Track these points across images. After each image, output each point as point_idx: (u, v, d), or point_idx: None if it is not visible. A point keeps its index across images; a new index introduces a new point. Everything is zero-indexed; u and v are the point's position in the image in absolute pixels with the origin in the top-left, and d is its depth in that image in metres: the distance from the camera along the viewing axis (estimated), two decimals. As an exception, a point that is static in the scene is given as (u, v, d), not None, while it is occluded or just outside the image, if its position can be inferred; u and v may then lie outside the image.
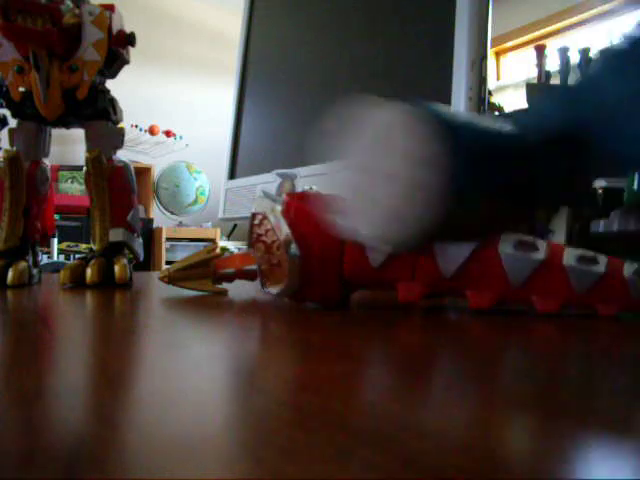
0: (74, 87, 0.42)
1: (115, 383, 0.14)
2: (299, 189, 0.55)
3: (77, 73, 0.42)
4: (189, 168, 2.97)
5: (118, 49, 0.42)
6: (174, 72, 3.65)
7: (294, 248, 0.26)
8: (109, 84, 0.47)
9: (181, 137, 3.15)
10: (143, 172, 3.02)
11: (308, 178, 0.53)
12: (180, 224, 2.94)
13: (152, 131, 3.12)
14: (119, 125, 0.46)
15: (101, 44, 0.41)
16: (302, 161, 0.55)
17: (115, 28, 0.42)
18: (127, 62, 0.44)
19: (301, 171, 0.55)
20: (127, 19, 0.46)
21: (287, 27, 0.72)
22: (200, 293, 0.36)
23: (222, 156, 0.88)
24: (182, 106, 3.52)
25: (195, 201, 2.95)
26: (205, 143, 3.22)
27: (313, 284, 0.28)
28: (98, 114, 0.45)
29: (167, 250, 2.64)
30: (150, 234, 2.69)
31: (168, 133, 3.13)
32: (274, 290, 0.28)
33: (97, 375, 0.14)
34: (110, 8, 0.41)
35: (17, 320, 0.24)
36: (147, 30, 3.55)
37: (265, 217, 0.28)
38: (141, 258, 0.49)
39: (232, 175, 0.76)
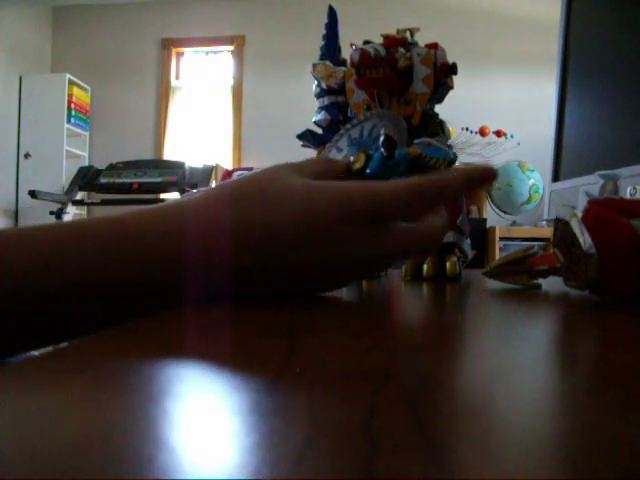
0: (409, 116, 0.52)
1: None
2: (623, 190, 0.53)
3: (411, 105, 0.51)
4: (522, 167, 2.92)
5: (443, 79, 0.50)
6: (498, 70, 3.63)
7: (591, 247, 0.29)
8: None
9: (512, 136, 3.11)
10: (475, 174, 3.09)
11: (632, 178, 0.50)
12: (514, 223, 2.91)
13: (483, 132, 3.17)
14: (447, 142, 0.54)
15: (429, 79, 0.49)
16: (628, 160, 0.53)
17: (439, 62, 0.49)
18: (451, 88, 0.52)
19: (625, 171, 0.52)
20: (445, 23, 0.53)
21: (611, 7, 0.68)
22: (516, 286, 0.40)
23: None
24: (510, 104, 3.48)
25: (529, 200, 2.88)
26: (537, 140, 3.11)
27: (610, 279, 0.30)
28: (429, 136, 0.53)
29: (501, 249, 2.66)
30: (484, 234, 2.75)
31: (499, 133, 3.13)
32: (574, 284, 0.31)
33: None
34: (434, 47, 0.49)
35: (375, 299, 0.34)
36: (467, 31, 3.63)
37: (567, 222, 0.31)
38: (469, 257, 0.56)
39: (556, 177, 0.76)
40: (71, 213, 3.59)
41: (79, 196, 3.58)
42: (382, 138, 0.36)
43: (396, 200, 0.28)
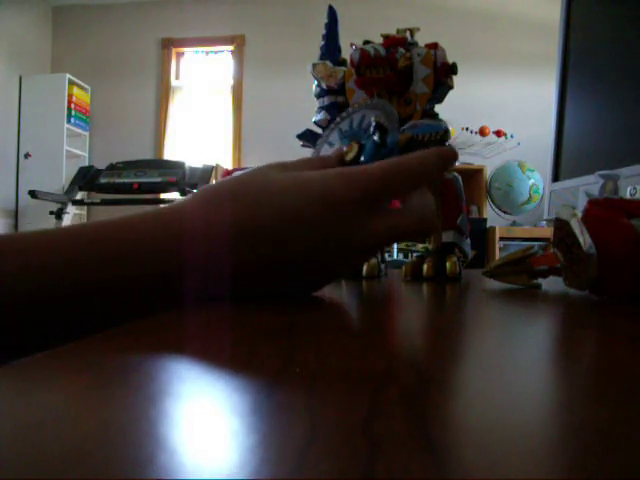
0: (409, 116, 0.52)
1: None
2: (623, 190, 0.53)
3: (411, 105, 0.51)
4: (522, 167, 2.92)
5: (443, 79, 0.50)
6: (498, 70, 3.63)
7: (591, 247, 0.29)
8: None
9: (512, 136, 3.11)
10: (475, 173, 3.09)
11: (632, 178, 0.50)
12: (514, 223, 2.91)
13: (483, 132, 3.17)
14: (447, 143, 0.54)
15: (429, 79, 0.49)
16: (628, 160, 0.53)
17: (439, 62, 0.49)
18: (451, 88, 0.52)
19: (625, 171, 0.52)
20: (445, 23, 0.53)
21: (611, 7, 0.68)
22: (516, 286, 0.40)
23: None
24: (511, 104, 3.48)
25: (529, 200, 2.88)
26: (537, 140, 3.11)
27: (610, 279, 0.30)
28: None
29: (500, 249, 2.66)
30: (484, 234, 2.75)
31: (499, 133, 3.14)
32: (574, 284, 0.31)
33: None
34: (434, 47, 0.49)
35: (375, 299, 0.34)
36: (467, 31, 3.63)
37: (566, 222, 0.31)
38: (469, 257, 0.56)
39: (556, 177, 0.76)
40: (71, 213, 3.59)
41: (79, 196, 3.58)
42: (373, 125, 0.35)
43: (374, 182, 0.29)
